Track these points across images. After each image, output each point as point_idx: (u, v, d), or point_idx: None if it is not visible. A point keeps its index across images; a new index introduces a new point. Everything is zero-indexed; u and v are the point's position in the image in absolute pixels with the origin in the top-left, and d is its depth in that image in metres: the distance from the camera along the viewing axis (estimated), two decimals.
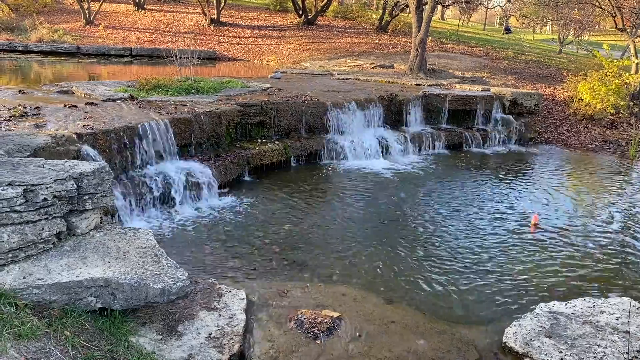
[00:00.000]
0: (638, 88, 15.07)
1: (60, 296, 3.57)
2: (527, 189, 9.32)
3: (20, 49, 20.42)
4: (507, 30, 40.39)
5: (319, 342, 4.23)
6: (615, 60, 14.89)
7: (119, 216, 6.37)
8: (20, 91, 9.14)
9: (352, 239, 6.58)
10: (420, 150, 11.46)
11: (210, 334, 4.01)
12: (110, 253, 4.05)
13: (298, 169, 9.55)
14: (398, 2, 25.58)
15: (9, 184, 3.73)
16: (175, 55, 11.23)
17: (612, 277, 5.96)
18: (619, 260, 6.44)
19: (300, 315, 4.54)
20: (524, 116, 13.60)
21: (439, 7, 28.30)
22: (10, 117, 6.92)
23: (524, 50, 25.72)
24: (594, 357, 3.86)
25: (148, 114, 7.76)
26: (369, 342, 4.28)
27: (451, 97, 12.36)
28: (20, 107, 7.42)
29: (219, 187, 7.77)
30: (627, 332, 4.15)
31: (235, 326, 4.15)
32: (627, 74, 14.88)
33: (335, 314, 4.61)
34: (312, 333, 4.31)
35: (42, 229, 3.90)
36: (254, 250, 6.09)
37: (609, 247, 6.85)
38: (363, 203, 7.97)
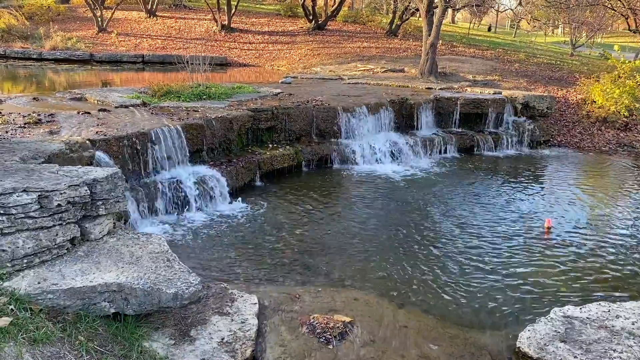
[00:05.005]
0: None
1: (74, 301, 3.59)
2: (540, 192, 9.24)
3: (34, 56, 20.70)
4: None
5: (331, 347, 4.22)
6: (628, 62, 14.75)
7: (131, 221, 6.42)
8: (34, 98, 9.26)
9: (364, 244, 6.56)
10: (431, 154, 11.42)
11: (222, 339, 4.02)
12: (124, 258, 4.07)
13: (309, 173, 9.56)
14: (408, 6, 25.57)
15: (24, 190, 3.77)
16: (187, 62, 11.32)
17: (628, 281, 5.88)
18: (634, 263, 6.35)
19: (312, 320, 4.53)
20: (536, 119, 13.50)
21: (450, 10, 28.32)
22: (25, 124, 7.01)
23: (536, 53, 25.56)
24: None
25: (160, 120, 7.82)
26: (381, 347, 4.26)
27: (462, 101, 12.31)
28: (34, 114, 7.52)
29: (231, 192, 7.80)
30: None
31: (247, 331, 4.16)
32: None
33: (348, 319, 4.60)
34: (324, 338, 4.31)
35: (57, 235, 3.93)
36: (265, 255, 6.10)
37: (623, 250, 6.76)
38: (374, 207, 7.96)
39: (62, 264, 3.90)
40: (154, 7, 29.10)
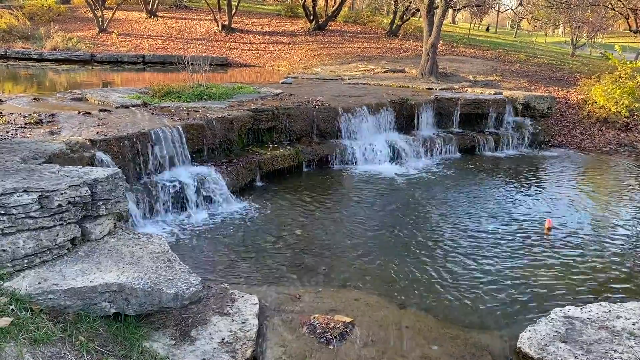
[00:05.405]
0: None
1: (74, 301, 3.60)
2: (540, 192, 9.23)
3: (35, 57, 20.73)
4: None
5: (331, 347, 4.21)
6: (629, 62, 14.74)
7: (132, 222, 6.42)
8: (35, 99, 9.27)
9: (364, 244, 6.56)
10: (432, 154, 11.41)
11: (223, 339, 4.02)
12: (124, 258, 4.08)
13: (309, 173, 9.56)
14: (409, 6, 25.56)
15: (25, 191, 3.77)
16: (187, 62, 11.32)
17: (628, 282, 5.88)
18: (634, 264, 6.34)
19: (312, 320, 4.53)
20: (537, 119, 13.49)
21: (450, 10, 28.29)
22: (26, 124, 7.02)
23: (536, 53, 25.56)
24: None
25: (161, 121, 7.82)
26: (382, 348, 4.26)
27: (463, 101, 12.31)
28: (35, 115, 7.52)
29: (231, 193, 7.79)
30: None
31: (248, 331, 4.16)
32: None
33: (348, 319, 4.60)
34: (324, 338, 4.31)
35: (57, 235, 3.94)
36: (266, 255, 6.10)
37: (624, 251, 6.76)
38: (375, 208, 7.96)
39: (62, 264, 3.90)
40: (155, 7, 29.13)
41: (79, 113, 8.01)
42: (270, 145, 9.43)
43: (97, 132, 6.74)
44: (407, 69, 18.83)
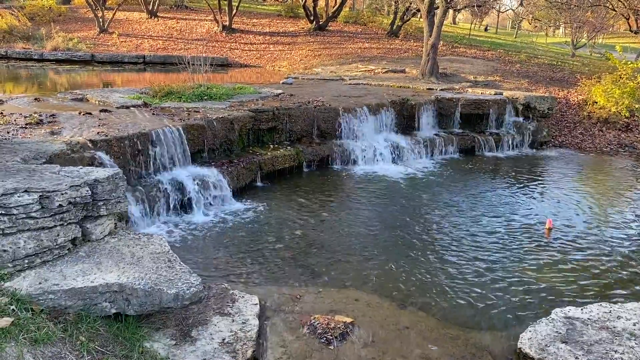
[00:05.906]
0: None
1: (75, 301, 3.60)
2: (541, 193, 9.23)
3: (36, 57, 20.75)
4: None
5: (332, 347, 4.22)
6: (629, 62, 14.74)
7: (133, 222, 6.42)
8: (36, 99, 9.27)
9: (365, 245, 6.56)
10: (432, 155, 11.41)
11: (223, 340, 4.02)
12: (125, 259, 4.08)
13: (310, 174, 9.56)
14: (409, 7, 25.57)
15: (25, 191, 3.78)
16: (188, 62, 11.32)
17: (629, 282, 5.87)
18: (635, 264, 6.35)
19: (313, 321, 4.53)
20: (537, 120, 13.49)
21: (451, 11, 28.26)
22: (27, 124, 7.02)
23: (537, 53, 25.56)
24: None
25: (161, 121, 7.82)
26: (382, 348, 4.26)
27: (463, 101, 12.31)
28: (36, 115, 7.52)
29: (232, 193, 7.80)
30: None
31: (248, 331, 4.16)
32: None
33: (349, 320, 4.59)
34: (325, 338, 4.31)
35: (58, 235, 3.94)
36: (266, 255, 6.10)
37: (624, 251, 6.75)
38: (375, 208, 7.96)
39: (63, 264, 3.90)
40: (155, 7, 29.15)
41: (79, 113, 8.01)
42: (271, 146, 9.43)
43: (98, 133, 6.74)
44: (408, 69, 18.84)
